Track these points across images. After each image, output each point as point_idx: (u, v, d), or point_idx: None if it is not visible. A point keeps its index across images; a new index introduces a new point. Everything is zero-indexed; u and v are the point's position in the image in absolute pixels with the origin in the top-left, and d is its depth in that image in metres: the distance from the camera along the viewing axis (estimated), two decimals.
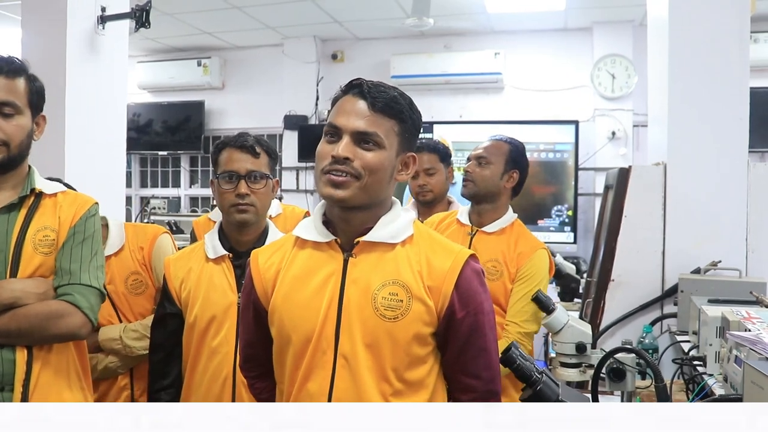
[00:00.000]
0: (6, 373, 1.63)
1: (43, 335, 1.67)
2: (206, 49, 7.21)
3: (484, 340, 1.46)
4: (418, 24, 5.15)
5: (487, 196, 2.43)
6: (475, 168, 2.44)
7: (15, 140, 1.70)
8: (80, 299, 1.70)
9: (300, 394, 1.43)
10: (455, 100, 6.60)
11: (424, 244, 1.46)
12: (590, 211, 6.18)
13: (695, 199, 2.98)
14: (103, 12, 3.44)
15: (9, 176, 1.73)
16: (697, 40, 2.97)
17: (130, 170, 7.54)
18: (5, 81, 1.69)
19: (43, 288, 1.70)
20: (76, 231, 1.76)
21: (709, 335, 2.08)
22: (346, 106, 1.42)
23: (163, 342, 2.00)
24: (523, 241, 2.38)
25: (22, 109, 1.72)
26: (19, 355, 1.65)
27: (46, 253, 1.72)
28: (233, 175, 1.95)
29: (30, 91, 1.75)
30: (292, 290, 1.45)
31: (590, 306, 3.20)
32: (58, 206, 1.78)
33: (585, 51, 6.21)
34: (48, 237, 1.73)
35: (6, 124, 1.68)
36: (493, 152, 2.44)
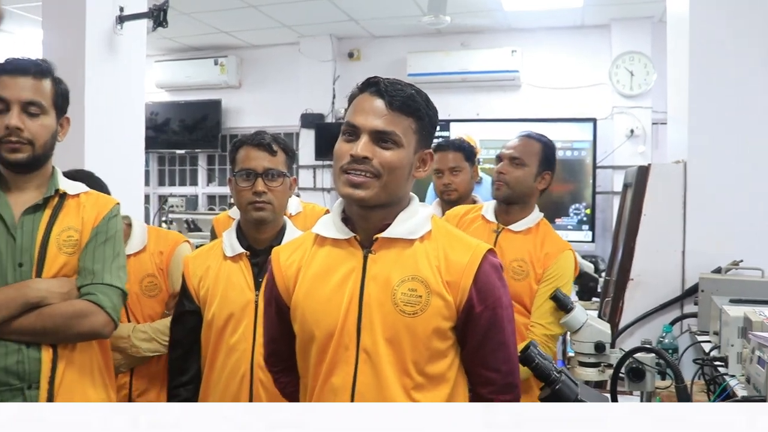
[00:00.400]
0: (32, 371, 1.67)
1: (68, 334, 1.71)
2: (223, 48, 7.24)
3: (502, 334, 1.47)
4: (435, 22, 5.13)
5: (519, 198, 2.35)
6: (509, 169, 2.34)
7: (40, 140, 1.73)
8: (103, 299, 1.74)
9: (324, 389, 1.45)
10: (472, 98, 6.58)
11: (442, 239, 1.47)
12: (608, 210, 6.14)
13: (716, 197, 2.94)
14: (121, 12, 3.47)
15: (33, 176, 1.77)
16: (718, 36, 2.94)
17: (148, 169, 7.60)
18: (32, 82, 1.73)
19: (67, 287, 1.73)
20: (99, 231, 1.80)
21: (731, 336, 2.06)
22: (363, 105, 1.42)
23: (182, 339, 2.01)
24: (549, 242, 2.32)
25: (47, 109, 1.76)
26: (44, 354, 1.69)
27: (70, 253, 1.76)
28: (250, 173, 1.95)
29: (55, 92, 1.79)
30: (313, 287, 1.47)
31: (609, 305, 3.18)
32: (81, 207, 1.81)
33: (603, 48, 6.16)
34: (72, 237, 1.76)
35: (32, 123, 1.72)
36: (527, 152, 2.35)
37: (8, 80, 1.72)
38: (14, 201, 1.75)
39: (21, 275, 1.69)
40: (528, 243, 2.32)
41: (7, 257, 1.69)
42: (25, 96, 1.71)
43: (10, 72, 1.72)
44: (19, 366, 1.66)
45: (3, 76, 1.72)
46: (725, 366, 2.10)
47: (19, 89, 1.71)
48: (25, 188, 1.77)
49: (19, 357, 1.66)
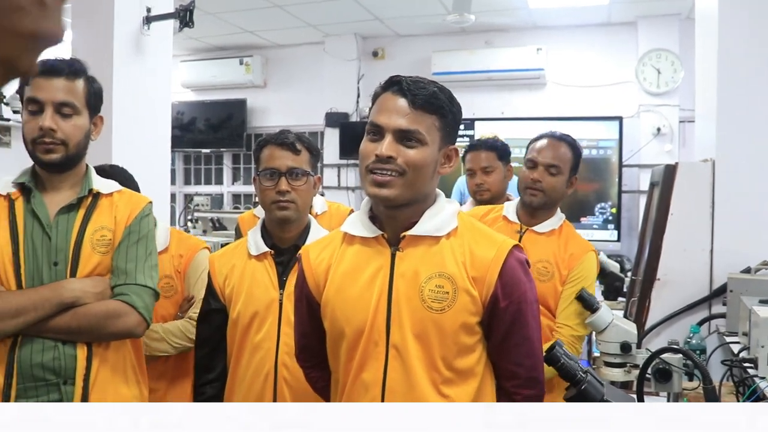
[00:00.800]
0: (68, 368, 1.72)
1: (101, 333, 1.75)
2: (248, 47, 7.29)
3: (527, 329, 1.48)
4: (460, 20, 5.12)
5: (553, 204, 2.34)
6: (546, 177, 2.30)
7: (73, 140, 1.77)
8: (136, 299, 1.77)
9: (355, 384, 1.47)
10: (497, 97, 6.55)
11: (468, 235, 1.49)
12: (634, 209, 6.07)
13: (745, 196, 2.90)
14: (148, 13, 3.51)
15: (67, 176, 1.81)
16: (747, 33, 2.89)
17: (174, 168, 7.68)
18: (65, 82, 1.77)
19: (101, 287, 1.76)
20: (131, 231, 1.83)
21: (761, 337, 2.03)
22: (387, 104, 1.43)
23: (208, 337, 2.03)
24: (573, 243, 2.31)
25: (80, 109, 1.79)
26: (79, 352, 1.73)
27: (104, 253, 1.79)
28: (274, 173, 1.96)
29: (88, 92, 1.82)
30: (343, 285, 1.49)
31: (635, 305, 3.15)
32: (114, 206, 1.85)
33: (629, 46, 6.10)
34: (105, 237, 1.80)
35: (65, 123, 1.75)
36: (562, 160, 2.32)
37: (42, 82, 1.75)
38: (50, 200, 1.78)
39: (56, 274, 1.73)
40: (552, 244, 2.30)
41: (43, 256, 1.73)
42: (58, 97, 1.75)
43: (43, 73, 1.75)
44: (55, 362, 1.70)
45: (37, 77, 1.76)
46: (755, 368, 2.07)
47: (53, 90, 1.75)
48: (60, 188, 1.80)
49: (55, 354, 1.70)
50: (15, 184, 1.79)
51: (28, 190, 1.78)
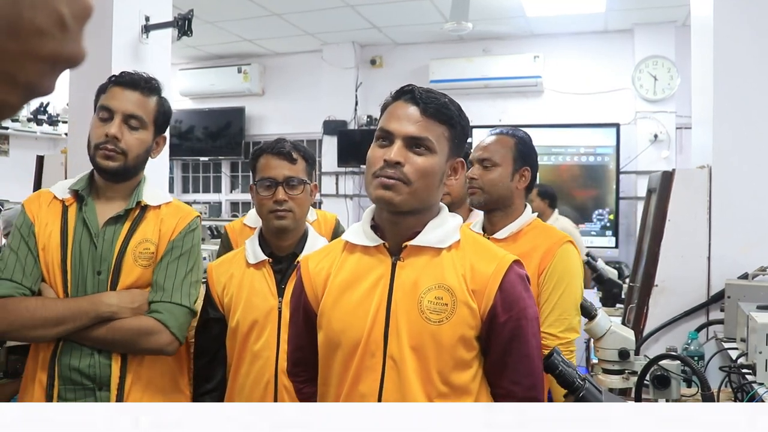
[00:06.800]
0: (103, 375, 1.78)
1: (134, 348, 1.80)
2: (246, 56, 7.31)
3: (527, 347, 1.46)
4: (457, 28, 5.14)
5: (498, 202, 2.16)
6: (480, 172, 2.16)
7: (133, 152, 1.81)
8: (169, 318, 1.80)
9: (351, 396, 1.45)
10: (494, 104, 6.57)
11: (469, 248, 1.48)
12: (632, 216, 6.08)
13: (742, 202, 2.91)
14: (147, 21, 3.51)
15: (121, 186, 1.85)
16: (743, 40, 2.90)
17: (172, 176, 7.68)
18: (139, 96, 1.82)
19: (138, 302, 1.80)
20: (174, 246, 1.86)
21: (759, 343, 2.03)
22: (398, 112, 1.44)
23: (206, 347, 2.02)
24: (542, 241, 2.11)
25: (147, 125, 1.84)
26: (114, 361, 1.79)
27: (145, 266, 1.83)
28: (271, 182, 1.96)
29: (158, 111, 1.87)
30: (342, 294, 1.48)
31: (633, 312, 3.15)
32: (160, 219, 1.88)
33: (626, 53, 6.13)
34: (148, 250, 1.84)
35: (129, 135, 1.80)
36: (498, 151, 2.16)
37: (118, 91, 1.81)
38: (101, 209, 1.83)
39: (99, 283, 1.78)
40: (515, 250, 1.95)
41: (88, 264, 1.78)
42: (129, 109, 1.80)
43: (121, 84, 1.82)
44: (90, 369, 1.77)
45: (115, 86, 1.82)
46: (753, 374, 2.08)
47: (126, 102, 1.80)
48: (113, 197, 1.85)
49: (91, 361, 1.77)
50: (71, 191, 1.84)
51: (81, 197, 1.82)
